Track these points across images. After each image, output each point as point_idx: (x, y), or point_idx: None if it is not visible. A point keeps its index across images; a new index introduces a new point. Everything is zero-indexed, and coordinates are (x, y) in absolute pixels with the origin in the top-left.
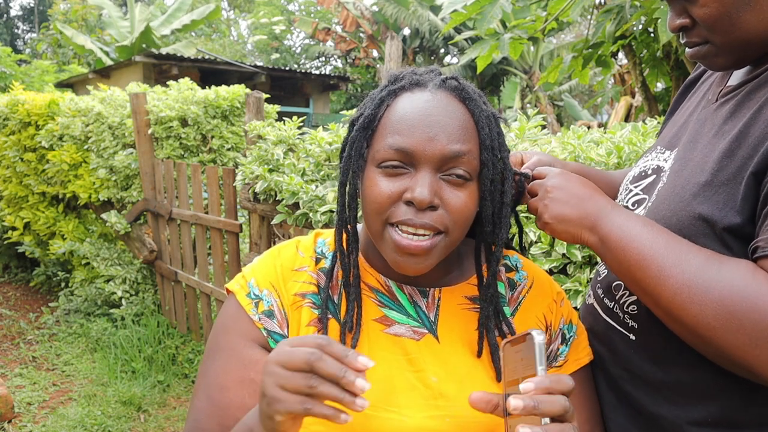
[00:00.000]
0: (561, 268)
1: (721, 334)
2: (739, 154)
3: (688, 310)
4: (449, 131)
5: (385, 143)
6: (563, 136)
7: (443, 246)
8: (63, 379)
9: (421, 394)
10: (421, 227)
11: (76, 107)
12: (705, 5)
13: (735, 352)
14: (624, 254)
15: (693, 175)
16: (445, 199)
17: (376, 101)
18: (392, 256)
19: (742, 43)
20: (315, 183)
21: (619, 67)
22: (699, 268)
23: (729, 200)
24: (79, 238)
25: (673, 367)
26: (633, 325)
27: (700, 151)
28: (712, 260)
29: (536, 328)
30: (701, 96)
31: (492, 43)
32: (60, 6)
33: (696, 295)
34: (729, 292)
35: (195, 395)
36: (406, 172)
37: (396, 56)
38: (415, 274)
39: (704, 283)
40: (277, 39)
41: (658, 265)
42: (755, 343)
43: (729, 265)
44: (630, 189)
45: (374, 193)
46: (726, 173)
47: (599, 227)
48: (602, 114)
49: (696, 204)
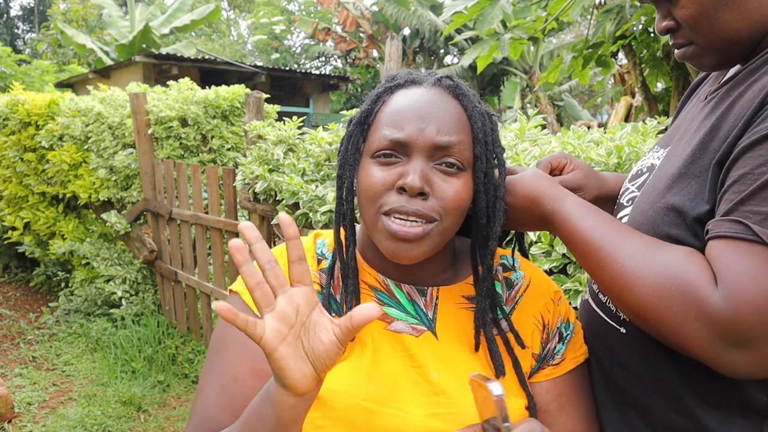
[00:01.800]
0: (561, 268)
1: (657, 316)
2: (711, 147)
3: (627, 293)
4: (441, 122)
5: (379, 135)
6: (563, 136)
7: (436, 234)
8: (63, 379)
9: (422, 390)
10: (413, 214)
11: (76, 107)
12: (684, 7)
13: (669, 331)
14: (571, 242)
15: (670, 169)
16: (436, 187)
17: (372, 97)
18: (385, 243)
19: (724, 42)
20: (315, 183)
21: (619, 67)
22: (635, 253)
23: (699, 191)
24: (79, 238)
25: (660, 359)
26: (625, 318)
27: (681, 148)
28: (649, 246)
29: (495, 381)
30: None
31: (492, 44)
32: (60, 6)
33: (631, 278)
34: (661, 276)
35: (202, 389)
36: (399, 161)
37: (396, 56)
38: (409, 262)
39: (639, 266)
40: (277, 39)
41: (598, 250)
42: (684, 322)
43: (664, 250)
44: (627, 187)
45: (368, 182)
46: (697, 166)
47: (551, 220)
48: (602, 114)
49: (669, 196)
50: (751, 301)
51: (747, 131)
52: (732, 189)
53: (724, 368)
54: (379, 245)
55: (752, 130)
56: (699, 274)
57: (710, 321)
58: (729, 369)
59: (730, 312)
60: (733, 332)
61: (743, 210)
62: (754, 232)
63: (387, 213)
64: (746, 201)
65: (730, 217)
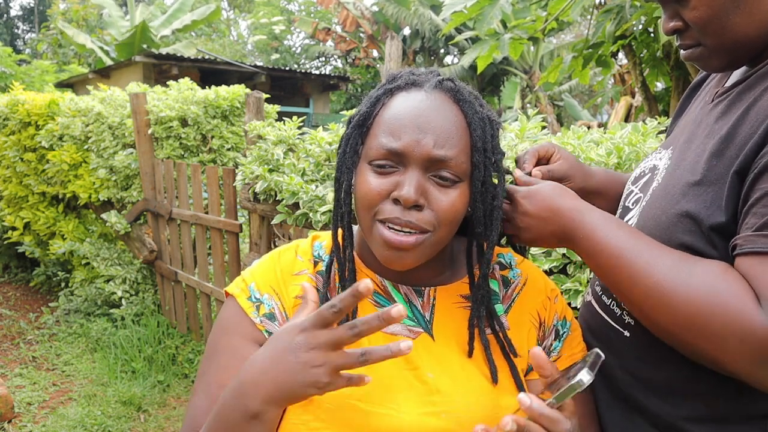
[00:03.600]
0: (561, 268)
1: (693, 334)
2: (727, 155)
3: (659, 312)
4: (438, 132)
5: (377, 142)
6: (563, 136)
7: (429, 244)
8: (63, 379)
9: (417, 391)
10: (406, 225)
11: (76, 107)
12: (695, 8)
13: (707, 351)
14: (597, 260)
15: (684, 175)
16: (431, 199)
17: (372, 99)
18: (380, 250)
19: (734, 44)
20: (315, 183)
21: (619, 67)
22: (669, 271)
23: (716, 199)
24: (79, 238)
25: (666, 364)
26: (629, 322)
27: (693, 152)
28: (683, 262)
29: (588, 374)
30: (702, 97)
31: (492, 43)
32: (60, 6)
33: (666, 297)
34: (696, 294)
35: (194, 395)
36: (396, 170)
37: (396, 56)
38: (402, 268)
39: (674, 285)
40: (277, 39)
41: (629, 270)
42: (725, 342)
43: (699, 267)
44: (631, 189)
45: (365, 190)
46: (714, 173)
47: (572, 238)
48: (602, 114)
49: (684, 202)
50: None
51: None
52: (762, 202)
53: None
54: (373, 250)
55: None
56: (740, 291)
57: (754, 340)
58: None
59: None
60: None
61: None
62: None
63: (382, 221)
64: None
65: (765, 231)
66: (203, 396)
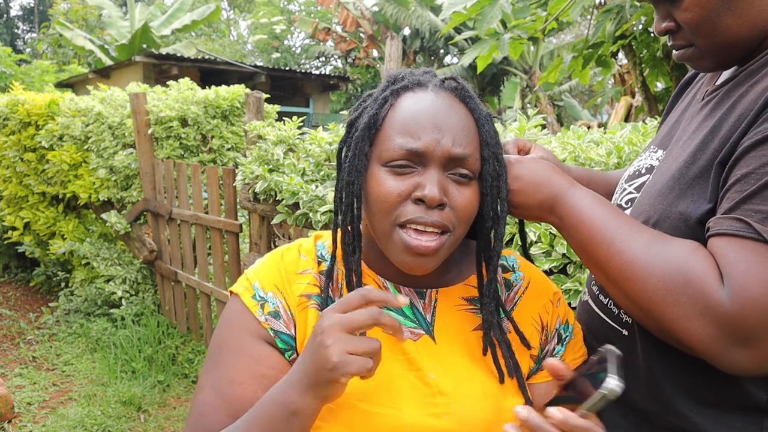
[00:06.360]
0: (561, 268)
1: (661, 308)
2: (711, 147)
3: (632, 284)
4: (455, 131)
5: (394, 143)
6: (563, 136)
7: (449, 245)
8: (63, 379)
9: (420, 392)
10: (431, 225)
11: (76, 107)
12: (687, 9)
13: (672, 325)
14: (578, 232)
15: (670, 170)
16: (452, 197)
17: (379, 101)
18: (401, 257)
19: (725, 45)
20: (315, 183)
21: (619, 67)
22: (645, 246)
23: (702, 192)
24: (79, 238)
25: (662, 362)
26: (627, 320)
27: (680, 148)
28: (659, 239)
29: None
30: (693, 96)
31: (492, 43)
32: (60, 6)
33: (640, 270)
34: (668, 268)
35: (199, 391)
36: (414, 170)
37: (396, 56)
38: (422, 273)
39: (648, 259)
40: (277, 39)
41: (607, 241)
42: (690, 317)
43: (673, 244)
44: (624, 188)
45: (383, 192)
46: (698, 166)
47: (557, 208)
48: (602, 114)
49: (672, 197)
50: (756, 300)
51: (750, 131)
52: (734, 188)
53: (727, 365)
54: (392, 257)
55: (755, 130)
56: (706, 269)
57: (716, 317)
58: (731, 366)
59: (735, 310)
60: (738, 330)
61: (745, 208)
62: (755, 230)
63: (403, 225)
64: (748, 199)
65: (732, 215)
66: (212, 392)
